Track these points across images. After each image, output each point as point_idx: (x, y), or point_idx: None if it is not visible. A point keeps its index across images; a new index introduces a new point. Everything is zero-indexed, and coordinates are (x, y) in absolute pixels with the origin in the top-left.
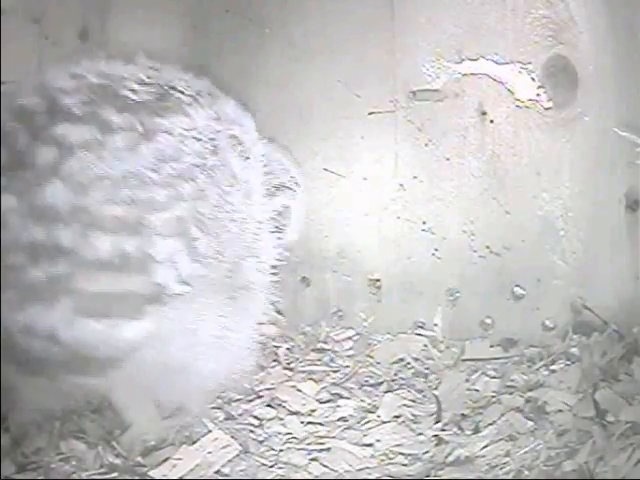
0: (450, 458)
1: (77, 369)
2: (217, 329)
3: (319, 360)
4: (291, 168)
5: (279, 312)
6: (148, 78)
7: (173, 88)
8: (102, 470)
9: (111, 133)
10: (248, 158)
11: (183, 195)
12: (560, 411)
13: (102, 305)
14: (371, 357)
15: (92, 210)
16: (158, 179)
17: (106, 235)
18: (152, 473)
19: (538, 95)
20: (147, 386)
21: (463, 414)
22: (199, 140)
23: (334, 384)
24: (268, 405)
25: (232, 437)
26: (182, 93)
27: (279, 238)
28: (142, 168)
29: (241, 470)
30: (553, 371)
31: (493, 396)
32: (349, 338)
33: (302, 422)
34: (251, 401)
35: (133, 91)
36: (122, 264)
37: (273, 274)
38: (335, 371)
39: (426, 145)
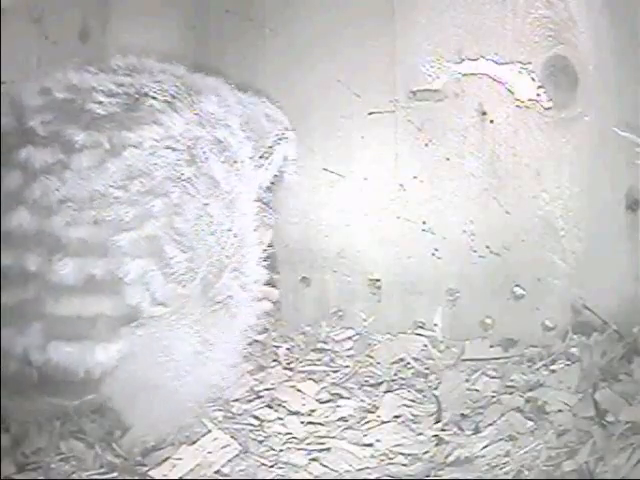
0: (450, 458)
1: (51, 391)
2: (195, 345)
3: (319, 360)
4: (281, 118)
5: (272, 285)
6: (119, 87)
7: (145, 95)
8: (102, 470)
9: (75, 153)
10: (235, 162)
11: (153, 212)
12: (560, 411)
13: (73, 328)
14: (371, 357)
15: (56, 233)
16: (125, 197)
17: (72, 259)
18: (152, 473)
19: (538, 95)
20: (124, 407)
21: (463, 414)
22: (174, 150)
23: (334, 384)
24: (268, 405)
25: (232, 437)
26: (155, 99)
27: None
28: (108, 187)
29: (241, 470)
30: (553, 371)
31: (493, 396)
32: (349, 338)
33: (302, 422)
34: (251, 401)
35: (100, 104)
36: (90, 287)
37: (257, 286)
38: (335, 371)
39: (426, 145)
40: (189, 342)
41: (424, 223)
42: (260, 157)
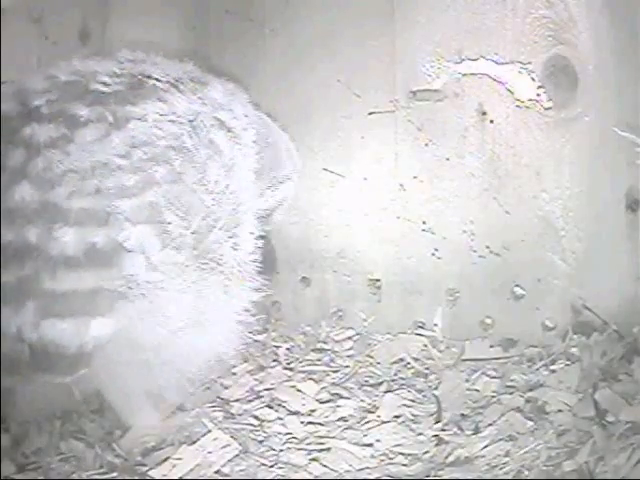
0: (450, 458)
1: (46, 368)
2: (192, 310)
3: (319, 360)
4: (296, 158)
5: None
6: (122, 70)
7: (148, 77)
8: (102, 470)
9: (80, 127)
10: (238, 144)
11: (156, 178)
12: (560, 411)
13: (69, 304)
14: (371, 357)
15: (58, 204)
16: (127, 165)
17: (72, 227)
18: (152, 473)
19: (538, 95)
20: (124, 380)
21: (463, 414)
22: (175, 122)
23: (334, 384)
24: (268, 405)
25: (232, 437)
26: (158, 80)
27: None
28: (111, 156)
29: (241, 470)
30: (553, 371)
31: (493, 396)
32: (349, 338)
33: (302, 422)
34: (251, 401)
35: (104, 84)
36: (90, 259)
37: (252, 256)
38: (335, 371)
39: (426, 145)
40: (185, 306)
41: (424, 223)
42: (268, 187)
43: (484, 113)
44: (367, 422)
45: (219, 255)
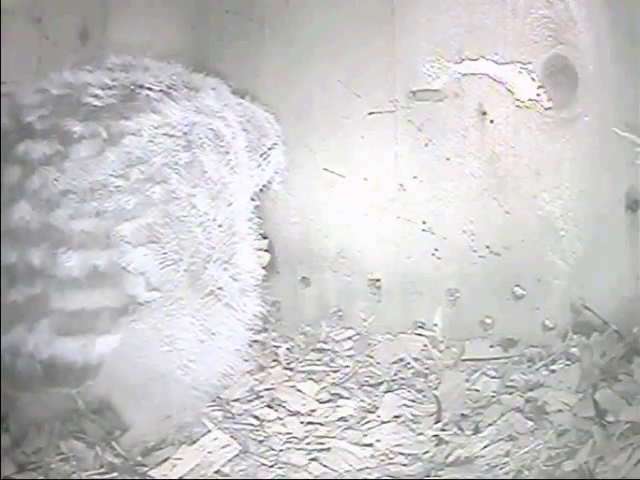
0: (450, 458)
1: (55, 381)
2: (198, 334)
3: (319, 360)
4: (277, 126)
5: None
6: (113, 81)
7: (141, 86)
8: (102, 470)
9: (74, 143)
10: (228, 153)
11: (153, 199)
12: (560, 411)
13: (77, 322)
14: (371, 357)
15: (59, 227)
16: (126, 186)
17: (75, 251)
18: (152, 473)
19: (538, 95)
20: (127, 397)
21: (463, 414)
22: (171, 136)
23: (334, 384)
24: (268, 405)
25: (232, 437)
26: (150, 90)
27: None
28: (108, 176)
29: (241, 470)
30: (553, 371)
31: (493, 396)
32: (349, 338)
33: (302, 422)
34: (251, 401)
35: (96, 97)
36: (94, 280)
37: (253, 278)
38: (335, 371)
39: (426, 145)
40: (191, 331)
41: (424, 223)
42: (260, 156)
43: (484, 113)
44: (367, 422)
45: (218, 288)
